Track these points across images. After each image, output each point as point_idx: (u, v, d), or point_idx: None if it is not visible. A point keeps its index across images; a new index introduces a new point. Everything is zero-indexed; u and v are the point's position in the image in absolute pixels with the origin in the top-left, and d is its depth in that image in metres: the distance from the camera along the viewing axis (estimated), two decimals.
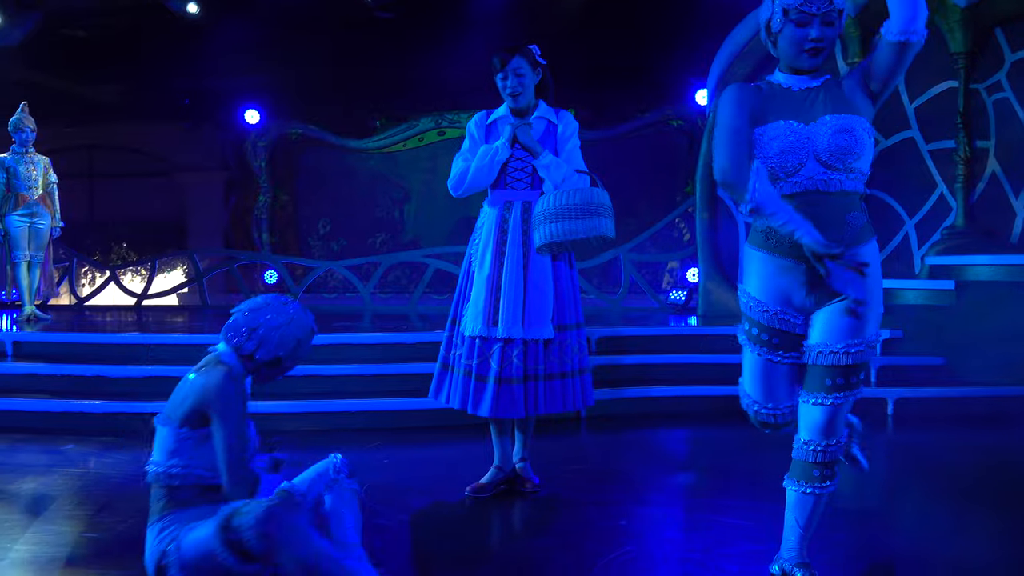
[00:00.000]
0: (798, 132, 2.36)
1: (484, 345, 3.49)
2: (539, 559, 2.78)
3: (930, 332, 6.08)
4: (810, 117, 2.38)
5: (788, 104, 2.41)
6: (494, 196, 3.60)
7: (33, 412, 5.00)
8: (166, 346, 5.70)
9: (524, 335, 3.46)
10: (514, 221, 3.53)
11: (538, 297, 3.49)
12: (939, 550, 2.91)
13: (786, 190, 2.37)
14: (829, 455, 2.38)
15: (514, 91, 3.50)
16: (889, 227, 7.21)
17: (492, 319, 3.48)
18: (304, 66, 10.75)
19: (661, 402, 5.51)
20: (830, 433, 2.38)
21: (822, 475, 2.39)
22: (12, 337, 5.85)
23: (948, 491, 3.81)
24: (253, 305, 2.44)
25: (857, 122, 2.36)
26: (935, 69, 6.87)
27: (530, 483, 3.62)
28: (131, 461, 4.20)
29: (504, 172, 3.55)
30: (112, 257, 12.26)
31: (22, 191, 6.92)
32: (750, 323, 2.49)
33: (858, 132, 2.35)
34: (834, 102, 2.39)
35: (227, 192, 12.31)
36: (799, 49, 2.37)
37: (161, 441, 2.35)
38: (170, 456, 2.30)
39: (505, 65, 3.49)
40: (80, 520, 3.20)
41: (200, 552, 2.12)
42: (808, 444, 2.40)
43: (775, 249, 2.40)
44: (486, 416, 3.50)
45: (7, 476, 3.89)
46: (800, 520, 2.44)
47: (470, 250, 3.67)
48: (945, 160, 6.88)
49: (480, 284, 3.54)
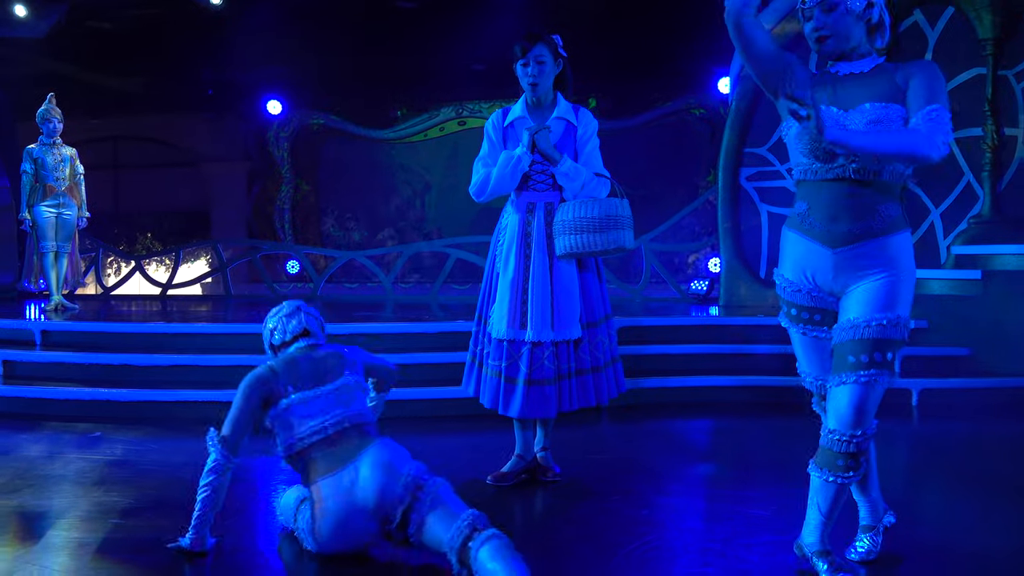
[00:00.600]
0: (836, 120, 2.37)
1: (512, 348, 3.51)
2: (560, 548, 2.79)
3: (956, 322, 6.01)
4: (851, 103, 2.40)
5: (833, 89, 2.44)
6: (517, 198, 3.59)
7: (61, 400, 5.08)
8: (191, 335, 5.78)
9: (554, 337, 3.47)
10: (538, 223, 3.52)
11: (566, 299, 3.50)
12: (963, 541, 2.88)
13: (820, 176, 2.41)
14: (855, 446, 2.37)
15: (534, 79, 3.49)
16: (915, 216, 7.13)
17: (519, 322, 3.49)
18: (326, 56, 10.78)
19: (682, 392, 5.50)
20: (857, 423, 2.36)
21: (846, 465, 2.38)
22: (40, 326, 5.94)
23: (972, 482, 3.78)
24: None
25: (896, 112, 2.35)
26: (963, 56, 6.77)
27: (551, 472, 3.63)
28: (158, 448, 4.26)
29: (526, 175, 3.55)
30: (137, 247, 12.41)
31: (50, 182, 7.01)
32: (788, 305, 2.54)
33: (895, 124, 2.34)
34: (881, 88, 2.39)
35: (250, 182, 12.40)
36: (811, 41, 2.45)
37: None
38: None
39: (527, 52, 3.48)
40: (109, 506, 3.26)
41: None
42: (833, 433, 2.38)
43: (808, 232, 2.45)
44: (516, 417, 3.54)
45: (36, 463, 3.96)
46: (823, 507, 2.44)
47: (494, 250, 3.66)
48: (972, 148, 6.79)
49: (505, 287, 3.54)
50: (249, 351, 5.55)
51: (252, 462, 4.15)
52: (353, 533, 2.60)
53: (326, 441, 2.66)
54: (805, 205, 2.47)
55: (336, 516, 2.58)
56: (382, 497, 2.56)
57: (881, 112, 2.35)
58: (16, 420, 4.90)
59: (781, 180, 7.78)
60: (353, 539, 2.61)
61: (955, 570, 2.60)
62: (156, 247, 12.38)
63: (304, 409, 2.69)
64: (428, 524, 2.51)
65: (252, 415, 2.72)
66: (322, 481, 2.62)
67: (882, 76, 2.42)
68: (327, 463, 2.63)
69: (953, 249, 6.56)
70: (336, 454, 2.64)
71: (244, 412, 2.72)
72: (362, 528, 2.59)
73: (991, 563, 2.71)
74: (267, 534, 2.96)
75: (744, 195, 7.88)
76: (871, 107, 2.36)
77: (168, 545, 2.69)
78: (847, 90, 2.43)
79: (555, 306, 3.48)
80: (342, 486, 2.60)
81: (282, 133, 12.22)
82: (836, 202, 2.39)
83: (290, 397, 2.71)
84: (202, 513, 2.64)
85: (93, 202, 7.50)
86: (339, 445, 2.65)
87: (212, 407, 5.01)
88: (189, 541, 2.65)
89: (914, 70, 2.40)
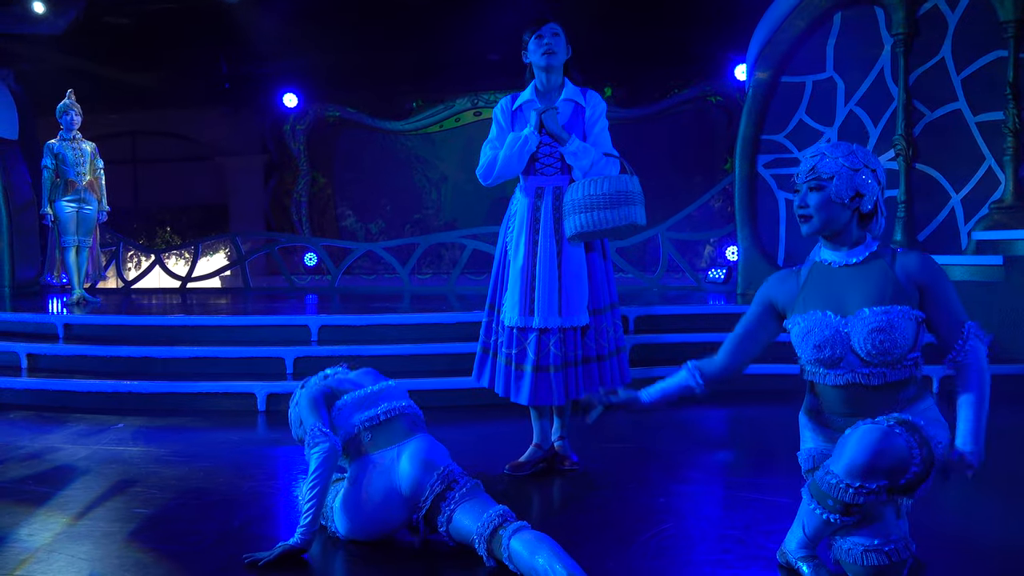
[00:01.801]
0: (834, 326, 2.28)
1: (521, 335, 3.51)
2: (578, 536, 2.80)
3: (977, 308, 5.94)
4: (848, 307, 2.29)
5: (827, 286, 2.35)
6: (525, 183, 3.58)
7: (84, 392, 5.15)
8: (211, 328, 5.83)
9: (561, 323, 3.46)
10: (546, 208, 3.51)
11: (573, 285, 3.49)
12: (985, 529, 2.87)
13: (829, 381, 2.31)
14: (851, 495, 2.18)
15: (550, 47, 3.47)
16: (935, 202, 7.05)
17: (528, 309, 3.49)
18: (341, 49, 10.80)
19: None
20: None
21: (835, 508, 2.21)
22: (63, 320, 6.01)
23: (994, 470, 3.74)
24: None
25: (898, 315, 2.24)
26: (983, 38, 6.68)
27: (569, 461, 3.64)
28: (180, 439, 4.31)
29: (534, 158, 3.53)
30: (157, 241, 12.52)
31: (70, 177, 7.08)
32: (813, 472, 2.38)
33: (898, 330, 2.23)
34: (878, 286, 2.28)
35: (267, 175, 12.46)
36: (796, 216, 2.38)
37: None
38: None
39: (543, 24, 3.49)
40: (133, 496, 3.30)
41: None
42: (829, 475, 2.23)
43: (827, 425, 2.37)
44: (525, 404, 3.54)
45: (61, 454, 4.01)
46: (808, 530, 2.35)
47: (504, 237, 3.65)
48: (993, 132, 6.70)
49: (515, 274, 3.53)
50: (268, 342, 5.60)
51: (272, 451, 4.19)
52: (382, 515, 2.63)
53: (377, 425, 2.75)
54: (818, 402, 2.39)
55: (369, 494, 2.62)
56: (416, 485, 2.61)
57: (882, 319, 2.23)
58: (40, 412, 4.98)
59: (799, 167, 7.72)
60: (380, 521, 2.64)
61: (976, 559, 2.58)
62: (175, 241, 12.48)
63: (357, 405, 2.79)
64: (458, 515, 2.54)
65: (323, 405, 2.80)
66: (364, 458, 2.68)
67: (878, 269, 2.31)
68: (374, 442, 2.72)
69: (974, 235, 6.49)
70: (384, 435, 2.73)
71: (319, 411, 2.76)
72: (391, 512, 2.63)
73: (1013, 552, 2.69)
74: (289, 522, 2.99)
75: (762, 183, 7.83)
76: (871, 314, 2.24)
77: (260, 563, 2.49)
78: (843, 288, 2.32)
79: (563, 292, 3.47)
80: (382, 465, 2.67)
81: (298, 126, 12.26)
82: (852, 402, 2.30)
83: (343, 399, 2.81)
84: (314, 507, 2.56)
85: (112, 197, 7.57)
86: (388, 428, 2.74)
87: (233, 398, 5.06)
88: (302, 540, 2.54)
89: (922, 276, 2.28)
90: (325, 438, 2.63)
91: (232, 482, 3.47)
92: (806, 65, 7.60)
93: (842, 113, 7.54)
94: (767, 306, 2.45)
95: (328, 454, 2.60)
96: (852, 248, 2.36)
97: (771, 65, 7.64)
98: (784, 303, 2.42)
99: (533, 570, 2.28)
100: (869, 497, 2.14)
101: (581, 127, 3.52)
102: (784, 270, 2.49)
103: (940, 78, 6.95)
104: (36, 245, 9.17)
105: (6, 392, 5.28)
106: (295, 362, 5.37)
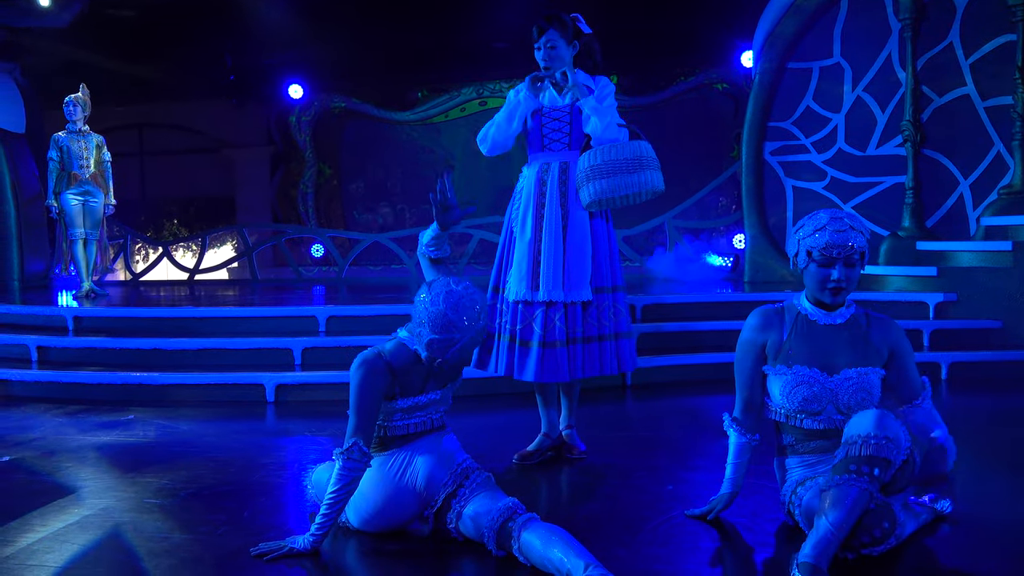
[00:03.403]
0: (823, 384, 2.54)
1: (527, 310, 3.47)
2: (586, 524, 2.81)
3: (985, 294, 5.93)
4: (834, 367, 2.55)
5: (813, 342, 2.58)
6: (532, 158, 3.57)
7: (94, 384, 5.18)
8: (219, 319, 5.85)
9: (564, 297, 3.43)
10: (552, 182, 3.49)
11: (577, 259, 3.46)
12: (994, 513, 2.86)
13: (807, 425, 2.59)
14: (873, 447, 2.40)
15: (546, 62, 3.49)
16: (943, 188, 7.03)
17: (534, 283, 3.46)
18: (346, 40, 10.79)
19: (707, 369, 5.49)
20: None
21: (859, 470, 2.34)
22: (72, 312, 6.04)
23: (1003, 455, 3.74)
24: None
25: (875, 375, 2.55)
26: (992, 22, 6.64)
27: (576, 450, 3.65)
28: (190, 430, 4.34)
29: (541, 133, 3.52)
30: (164, 234, 12.56)
31: (74, 169, 7.10)
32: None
33: (875, 387, 2.55)
34: (856, 348, 2.56)
35: (273, 167, 12.48)
36: (822, 287, 2.55)
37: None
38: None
39: (540, 36, 3.50)
40: (143, 486, 3.32)
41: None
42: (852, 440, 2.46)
43: (810, 452, 2.62)
44: (531, 380, 3.48)
45: (72, 446, 4.04)
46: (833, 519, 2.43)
47: (510, 214, 3.63)
48: (1002, 117, 6.67)
49: (523, 249, 3.51)
50: (276, 333, 5.62)
51: (281, 442, 4.21)
52: (394, 511, 2.63)
53: (404, 435, 2.68)
54: (791, 438, 2.66)
55: (384, 490, 2.62)
56: (430, 484, 2.61)
57: (864, 380, 2.53)
58: (50, 404, 5.01)
59: (806, 154, 7.70)
60: (392, 516, 2.64)
61: (987, 542, 2.58)
62: (182, 233, 12.52)
63: (401, 413, 2.67)
64: (467, 510, 2.54)
65: (375, 405, 2.57)
66: (379, 456, 2.67)
67: (856, 331, 2.58)
68: (393, 444, 2.67)
69: (983, 220, 6.46)
70: (405, 439, 2.68)
71: (366, 406, 2.55)
72: (404, 508, 2.63)
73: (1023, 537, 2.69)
74: (298, 512, 3.00)
75: (769, 170, 7.81)
76: (855, 374, 2.53)
77: (265, 558, 2.50)
78: (828, 347, 2.56)
79: (567, 266, 3.44)
80: (397, 461, 2.65)
81: (304, 117, 12.26)
82: (822, 439, 2.58)
83: (394, 403, 2.64)
84: (328, 521, 2.51)
85: (119, 190, 7.59)
86: (411, 436, 2.68)
87: (241, 389, 5.09)
88: (309, 547, 2.51)
89: (894, 342, 2.60)
90: (363, 461, 2.51)
91: (242, 473, 3.49)
92: (813, 51, 7.56)
93: (849, 99, 7.51)
94: (760, 350, 2.67)
95: (358, 474, 2.52)
96: (837, 309, 2.60)
97: (777, 52, 7.60)
98: (769, 347, 2.64)
99: (546, 560, 2.29)
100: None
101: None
102: (763, 311, 2.69)
103: (948, 63, 6.91)
104: (45, 238, 9.22)
105: (17, 384, 5.31)
106: (303, 353, 5.39)
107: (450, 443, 2.72)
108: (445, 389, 2.78)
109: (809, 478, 2.57)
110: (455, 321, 2.55)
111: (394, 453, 2.67)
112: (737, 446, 2.76)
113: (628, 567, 2.37)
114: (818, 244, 2.50)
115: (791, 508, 2.62)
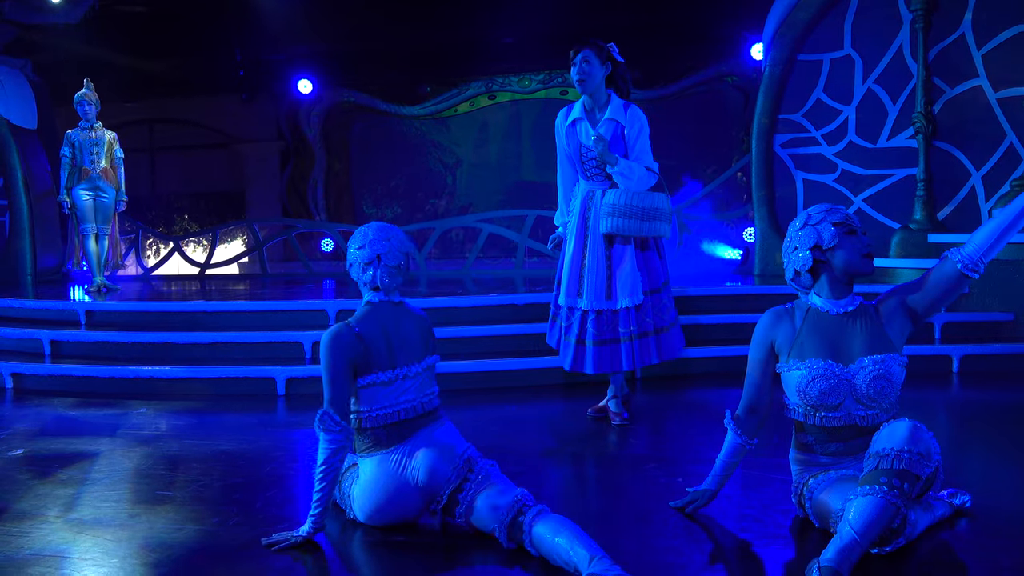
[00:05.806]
0: (839, 375, 2.52)
1: (569, 312, 4.08)
2: (597, 515, 2.81)
3: (998, 287, 5.89)
4: (849, 356, 2.54)
5: (827, 334, 2.57)
6: (579, 185, 4.15)
7: (106, 378, 5.22)
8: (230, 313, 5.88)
9: (610, 306, 3.99)
10: (595, 209, 4.05)
11: (621, 273, 4.01)
12: (1006, 506, 2.85)
13: (827, 423, 2.57)
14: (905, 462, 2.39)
15: (580, 76, 3.94)
16: (955, 180, 6.98)
17: (576, 291, 4.06)
18: (355, 35, 10.80)
19: (718, 362, 5.48)
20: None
21: (890, 483, 2.32)
22: (84, 307, 6.08)
23: (1015, 448, 3.73)
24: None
25: (893, 362, 2.53)
26: (1004, 13, 6.59)
27: (621, 417, 4.10)
28: (201, 423, 4.36)
29: (583, 167, 4.08)
30: (175, 229, 12.60)
31: (85, 165, 7.14)
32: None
33: (895, 375, 2.52)
34: (871, 336, 2.55)
35: (283, 162, 12.50)
36: (860, 255, 2.55)
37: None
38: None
39: (576, 55, 3.95)
40: (156, 479, 3.35)
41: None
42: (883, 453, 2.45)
43: (823, 454, 2.62)
44: (590, 373, 4.07)
45: (83, 438, 4.07)
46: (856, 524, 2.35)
47: (566, 229, 4.19)
48: (1014, 108, 6.62)
49: (567, 261, 4.12)
50: (287, 327, 5.65)
51: (293, 434, 4.23)
52: (399, 507, 2.64)
53: (397, 423, 2.67)
54: (809, 438, 2.64)
55: (385, 489, 2.62)
56: (433, 477, 2.60)
57: (880, 368, 2.50)
58: (63, 398, 5.05)
59: (816, 147, 7.66)
60: (397, 512, 2.65)
61: (998, 535, 2.58)
62: (193, 228, 12.56)
63: (383, 390, 2.67)
64: (476, 504, 2.53)
65: (346, 376, 2.61)
66: (378, 455, 2.66)
67: (865, 317, 2.58)
68: (390, 440, 2.66)
69: (995, 213, 6.41)
70: (400, 432, 2.67)
71: (338, 376, 2.59)
72: (408, 504, 2.64)
73: None
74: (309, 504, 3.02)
75: (779, 163, 7.78)
76: (870, 362, 2.51)
77: (274, 547, 2.51)
78: (840, 337, 2.56)
79: (612, 280, 4.01)
80: (397, 458, 2.64)
81: (313, 112, 12.28)
82: (841, 440, 2.57)
83: (371, 376, 2.65)
84: (323, 498, 2.55)
85: (131, 185, 7.62)
86: (406, 426, 2.67)
87: (252, 383, 5.11)
88: (310, 529, 2.55)
89: (893, 303, 2.59)
90: (339, 430, 2.54)
91: (253, 465, 3.51)
92: (823, 43, 7.51)
93: (860, 91, 7.46)
94: (770, 347, 2.67)
95: (339, 446, 2.54)
96: (846, 297, 2.60)
97: (787, 44, 7.56)
98: (780, 344, 2.64)
99: (555, 553, 2.30)
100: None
101: (623, 147, 3.98)
102: (774, 311, 2.69)
103: (960, 54, 6.86)
104: (57, 233, 9.27)
105: (30, 378, 5.36)
106: (313, 346, 5.41)
107: (449, 434, 2.71)
108: (420, 364, 2.72)
109: (823, 472, 2.58)
110: (366, 233, 2.77)
111: (393, 450, 2.65)
112: (731, 445, 2.74)
113: (638, 559, 2.38)
114: (836, 219, 2.55)
115: (802, 500, 2.62)
